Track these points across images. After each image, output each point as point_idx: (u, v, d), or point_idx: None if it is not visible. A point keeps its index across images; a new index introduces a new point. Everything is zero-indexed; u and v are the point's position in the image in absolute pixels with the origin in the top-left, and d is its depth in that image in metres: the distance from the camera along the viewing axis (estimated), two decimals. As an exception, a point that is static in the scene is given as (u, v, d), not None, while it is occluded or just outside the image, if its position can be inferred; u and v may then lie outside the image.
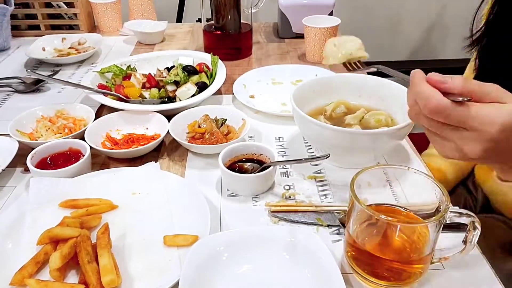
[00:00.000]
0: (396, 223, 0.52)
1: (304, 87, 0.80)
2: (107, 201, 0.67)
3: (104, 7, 1.40)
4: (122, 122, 0.87)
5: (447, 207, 0.49)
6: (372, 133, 0.68)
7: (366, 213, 0.50)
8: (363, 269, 0.54)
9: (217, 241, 0.57)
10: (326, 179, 0.74)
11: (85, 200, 0.66)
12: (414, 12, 2.36)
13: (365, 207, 0.50)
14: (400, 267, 0.53)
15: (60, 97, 1.03)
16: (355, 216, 0.53)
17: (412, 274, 0.53)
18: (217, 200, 0.70)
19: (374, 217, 0.50)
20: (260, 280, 0.54)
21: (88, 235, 0.58)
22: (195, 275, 0.52)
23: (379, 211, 0.49)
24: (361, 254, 0.54)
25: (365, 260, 0.54)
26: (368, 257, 0.53)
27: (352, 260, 0.55)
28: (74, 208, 0.65)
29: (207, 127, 0.81)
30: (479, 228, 0.51)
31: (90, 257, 0.55)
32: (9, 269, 0.55)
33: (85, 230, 0.59)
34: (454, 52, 2.37)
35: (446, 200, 0.50)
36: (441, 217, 0.48)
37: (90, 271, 0.54)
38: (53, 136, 0.82)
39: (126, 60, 1.08)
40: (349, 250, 0.56)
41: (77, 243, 0.57)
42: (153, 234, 0.62)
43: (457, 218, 0.51)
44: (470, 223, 0.51)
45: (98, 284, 0.52)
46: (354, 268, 0.55)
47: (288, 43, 1.35)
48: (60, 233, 0.58)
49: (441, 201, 0.51)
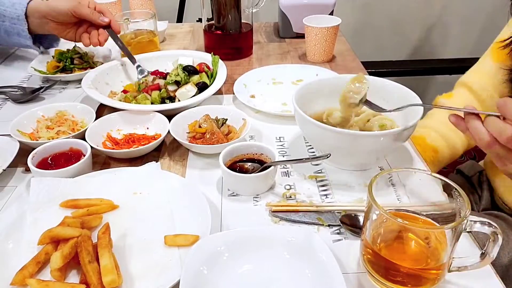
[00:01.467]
0: (414, 227, 0.51)
1: (306, 87, 0.80)
2: (108, 201, 0.67)
3: (104, 7, 1.39)
4: (122, 122, 0.87)
5: (466, 213, 0.48)
6: (375, 135, 0.68)
7: (384, 217, 0.49)
8: (378, 272, 0.53)
9: (218, 241, 0.57)
10: (327, 178, 0.74)
11: (86, 200, 0.66)
12: (415, 11, 2.35)
13: (383, 211, 0.49)
14: (417, 273, 0.52)
15: (61, 98, 1.03)
16: (372, 219, 0.52)
17: (429, 280, 0.52)
18: (217, 200, 0.70)
19: (391, 222, 0.49)
20: (260, 280, 0.54)
21: (89, 235, 0.58)
22: (195, 275, 0.52)
23: (396, 216, 0.48)
24: (377, 258, 0.53)
25: (381, 264, 0.53)
26: (384, 262, 0.52)
27: (367, 263, 0.54)
28: (75, 208, 0.65)
29: (208, 127, 0.81)
30: (500, 239, 0.49)
31: (91, 257, 0.55)
32: (10, 269, 0.55)
33: (86, 230, 0.59)
34: (455, 52, 2.37)
35: (467, 208, 0.48)
36: (459, 223, 0.47)
37: (91, 271, 0.54)
38: (54, 136, 0.82)
39: (126, 60, 1.08)
40: (365, 253, 0.55)
41: (78, 243, 0.57)
42: (154, 234, 0.62)
43: (477, 226, 0.49)
44: (492, 234, 0.49)
45: (99, 284, 0.52)
46: (370, 271, 0.54)
47: (288, 43, 1.35)
48: (61, 233, 0.58)
49: (461, 207, 0.50)
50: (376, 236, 0.54)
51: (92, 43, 1.05)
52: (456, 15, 2.32)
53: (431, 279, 0.52)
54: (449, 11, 2.35)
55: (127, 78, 1.05)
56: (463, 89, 0.96)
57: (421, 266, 0.53)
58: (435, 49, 2.49)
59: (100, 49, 1.20)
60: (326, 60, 1.21)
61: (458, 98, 0.95)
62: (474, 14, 2.18)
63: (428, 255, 0.53)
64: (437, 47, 2.48)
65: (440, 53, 2.48)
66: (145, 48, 1.15)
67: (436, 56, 2.48)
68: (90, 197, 0.67)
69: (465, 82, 0.95)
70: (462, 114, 0.59)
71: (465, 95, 0.94)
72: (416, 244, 0.54)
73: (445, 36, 2.43)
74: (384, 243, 0.54)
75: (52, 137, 0.81)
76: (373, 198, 0.50)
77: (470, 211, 0.48)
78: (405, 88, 0.77)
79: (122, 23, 1.15)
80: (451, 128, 0.91)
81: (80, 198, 0.66)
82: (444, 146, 0.92)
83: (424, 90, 2.43)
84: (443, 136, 0.91)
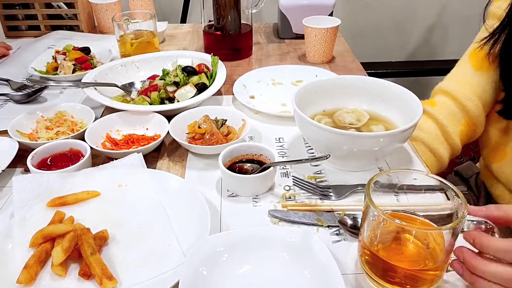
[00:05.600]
0: (411, 228, 0.51)
1: (305, 88, 0.80)
2: (95, 193, 0.67)
3: (104, 7, 1.39)
4: (122, 123, 0.87)
5: (464, 214, 0.48)
6: (374, 136, 0.68)
7: (381, 218, 0.49)
8: (376, 273, 0.53)
9: (217, 241, 0.57)
10: (326, 179, 0.74)
11: (73, 195, 0.66)
12: (415, 12, 2.35)
13: (381, 212, 0.48)
14: (415, 274, 0.52)
15: (61, 98, 1.03)
16: (369, 220, 0.52)
17: (427, 281, 0.51)
18: (217, 200, 0.70)
19: (389, 223, 0.49)
20: (260, 280, 0.54)
21: (88, 228, 0.59)
22: (195, 276, 0.52)
23: (394, 217, 0.48)
24: (375, 259, 0.53)
25: (379, 266, 0.53)
26: (382, 263, 0.52)
27: (365, 264, 0.54)
28: (63, 206, 0.65)
29: (207, 127, 0.81)
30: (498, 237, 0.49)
31: (92, 249, 0.56)
32: (9, 269, 0.55)
33: (79, 224, 0.60)
34: (454, 53, 2.37)
35: (464, 208, 0.48)
36: (457, 224, 0.47)
37: (94, 262, 0.55)
38: (53, 137, 0.82)
39: (126, 61, 1.08)
40: (362, 254, 0.55)
41: (78, 237, 0.57)
42: (147, 222, 0.63)
43: (474, 226, 0.49)
44: (490, 232, 0.49)
45: (103, 274, 0.53)
46: (367, 272, 0.54)
47: (288, 44, 1.35)
48: (54, 231, 0.59)
49: (458, 208, 0.50)
50: (374, 237, 0.54)
51: None
52: (456, 16, 2.32)
53: (429, 280, 0.51)
54: (449, 12, 2.35)
55: (127, 78, 1.05)
56: (445, 98, 0.94)
57: (419, 267, 0.52)
58: (435, 50, 2.49)
59: (101, 49, 1.20)
60: (325, 61, 1.21)
61: (441, 107, 0.92)
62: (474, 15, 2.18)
63: (426, 256, 0.53)
64: (437, 48, 2.48)
65: (440, 54, 2.48)
66: (144, 49, 1.15)
67: (436, 57, 2.48)
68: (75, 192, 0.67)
69: (447, 91, 0.92)
70: None
71: (449, 104, 0.91)
72: (414, 245, 0.54)
73: (445, 37, 2.43)
74: (382, 244, 0.54)
75: (52, 138, 0.81)
76: (371, 198, 0.50)
77: (467, 211, 0.48)
78: (405, 89, 0.77)
79: (122, 23, 1.15)
80: (440, 141, 0.91)
81: (66, 195, 0.66)
82: (433, 161, 0.92)
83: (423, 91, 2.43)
84: (431, 150, 0.91)
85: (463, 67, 0.93)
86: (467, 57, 0.94)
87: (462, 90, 0.90)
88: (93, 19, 1.47)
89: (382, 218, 0.50)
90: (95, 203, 0.67)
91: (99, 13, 1.41)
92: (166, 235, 0.61)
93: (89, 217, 0.64)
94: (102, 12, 1.40)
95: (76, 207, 0.66)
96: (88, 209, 0.66)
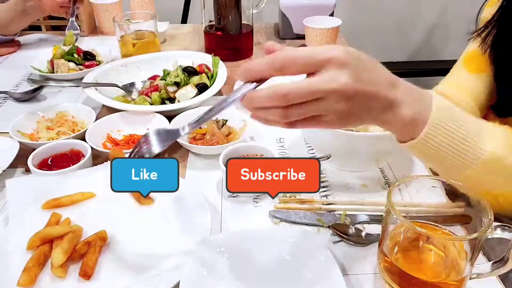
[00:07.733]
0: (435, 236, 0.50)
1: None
2: (90, 194, 0.67)
3: (105, 7, 1.39)
4: (123, 123, 0.87)
5: (490, 222, 0.45)
6: (373, 136, 0.68)
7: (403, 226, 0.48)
8: (395, 281, 0.51)
9: (218, 242, 0.57)
10: (327, 179, 0.74)
11: (68, 197, 0.66)
12: (415, 13, 2.35)
13: (403, 220, 0.47)
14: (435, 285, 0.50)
15: (60, 95, 1.03)
16: (391, 228, 0.50)
17: None
18: (217, 201, 0.70)
19: (411, 231, 0.48)
20: (260, 281, 0.54)
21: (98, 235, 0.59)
22: (196, 276, 0.52)
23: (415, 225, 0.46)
24: (394, 268, 0.51)
25: (398, 274, 0.51)
26: (401, 273, 0.50)
27: (384, 271, 0.53)
28: (58, 207, 0.65)
29: (208, 128, 0.81)
30: None
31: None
32: (9, 270, 0.55)
33: (77, 225, 0.60)
34: (455, 53, 2.37)
35: (489, 215, 0.45)
36: (484, 232, 0.44)
37: None
38: (54, 137, 0.82)
39: (127, 61, 1.08)
40: (381, 261, 0.54)
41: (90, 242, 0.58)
42: (148, 222, 0.63)
43: (497, 232, 0.46)
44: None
45: None
46: (386, 279, 0.53)
47: (289, 44, 1.35)
48: (51, 232, 0.59)
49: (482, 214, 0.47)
50: (393, 245, 0.53)
51: None
52: (457, 16, 2.32)
53: None
54: (450, 12, 2.35)
55: (127, 78, 1.05)
56: None
57: (440, 278, 0.51)
58: (436, 50, 2.49)
59: (101, 50, 1.20)
60: (326, 61, 1.20)
61: None
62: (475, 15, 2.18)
63: (447, 265, 0.51)
64: (438, 48, 2.48)
65: (440, 55, 2.48)
66: (145, 49, 1.15)
67: (437, 57, 2.48)
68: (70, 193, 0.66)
69: (442, 93, 0.93)
70: None
71: None
72: (435, 254, 0.52)
73: (446, 37, 2.43)
74: (401, 253, 0.53)
75: (52, 138, 0.81)
76: (392, 205, 0.48)
77: (493, 218, 0.45)
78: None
79: (123, 24, 1.15)
80: None
81: (61, 197, 0.66)
82: None
83: (424, 91, 2.43)
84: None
85: (457, 71, 0.94)
86: (461, 61, 0.94)
87: (456, 93, 0.91)
88: (94, 20, 1.47)
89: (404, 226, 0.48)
90: (93, 204, 0.66)
91: (100, 13, 1.41)
92: (166, 235, 0.61)
93: (87, 218, 0.64)
94: (103, 13, 1.40)
95: (73, 208, 0.65)
96: (86, 210, 0.65)
